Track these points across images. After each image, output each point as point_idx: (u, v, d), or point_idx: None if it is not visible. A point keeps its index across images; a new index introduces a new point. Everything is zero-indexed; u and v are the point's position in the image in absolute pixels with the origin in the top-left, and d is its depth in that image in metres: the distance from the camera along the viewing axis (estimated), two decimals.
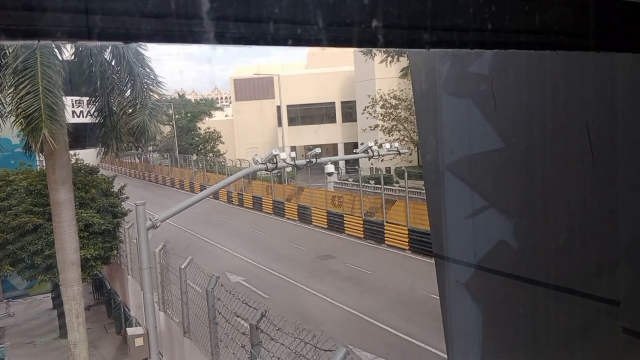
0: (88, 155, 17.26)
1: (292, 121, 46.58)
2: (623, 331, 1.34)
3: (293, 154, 12.00)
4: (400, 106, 30.12)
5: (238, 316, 8.61)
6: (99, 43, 0.59)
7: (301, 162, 12.25)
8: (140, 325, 12.94)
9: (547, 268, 1.46)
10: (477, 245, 1.51)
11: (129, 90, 12.64)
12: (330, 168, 13.40)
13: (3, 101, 11.94)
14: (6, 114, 11.82)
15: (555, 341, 1.44)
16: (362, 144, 15.17)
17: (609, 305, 1.38)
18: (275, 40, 0.66)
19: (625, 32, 1.04)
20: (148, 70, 12.72)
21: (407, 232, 22.22)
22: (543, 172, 1.43)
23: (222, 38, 0.64)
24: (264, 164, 11.78)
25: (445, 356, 1.86)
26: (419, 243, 21.33)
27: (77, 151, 16.40)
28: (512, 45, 0.94)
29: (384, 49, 28.28)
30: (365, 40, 0.72)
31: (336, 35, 0.69)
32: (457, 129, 1.43)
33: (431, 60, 1.40)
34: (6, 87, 10.73)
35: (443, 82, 1.39)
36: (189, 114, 55.68)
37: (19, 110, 10.47)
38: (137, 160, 65.46)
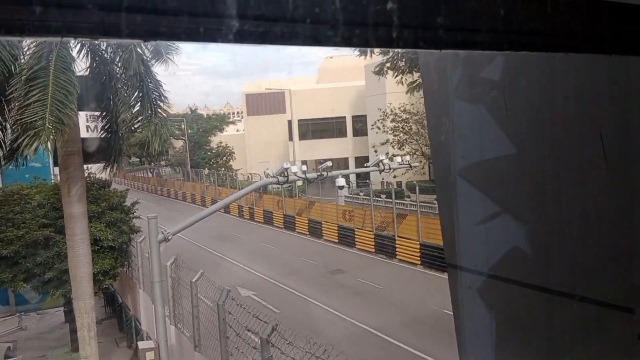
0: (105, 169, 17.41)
1: (303, 136, 46.76)
2: (639, 338, 1.32)
3: (304, 168, 12.03)
4: (411, 120, 30.13)
5: (249, 330, 8.58)
6: (115, 41, 0.60)
7: (312, 175, 12.28)
8: (151, 339, 12.92)
9: (561, 275, 1.44)
10: (489, 252, 1.50)
11: (137, 105, 12.77)
12: (341, 181, 13.41)
13: (8, 114, 12.06)
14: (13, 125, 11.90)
15: (569, 349, 1.42)
16: (375, 153, 15.15)
17: (624, 313, 1.36)
18: (289, 40, 0.67)
19: (638, 35, 1.04)
20: (157, 86, 12.87)
21: (418, 246, 22.05)
22: (556, 177, 1.42)
23: (239, 36, 0.65)
24: (275, 177, 11.83)
25: None
26: (431, 258, 21.11)
27: (90, 165, 16.57)
28: (524, 47, 0.94)
29: (394, 68, 28.40)
30: (379, 40, 0.72)
31: (350, 35, 0.69)
32: (468, 134, 1.43)
33: (442, 66, 1.40)
34: (17, 97, 10.84)
35: (455, 87, 1.39)
36: (201, 129, 56.15)
37: (23, 117, 10.52)
38: (150, 175, 65.98)
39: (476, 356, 1.66)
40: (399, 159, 14.78)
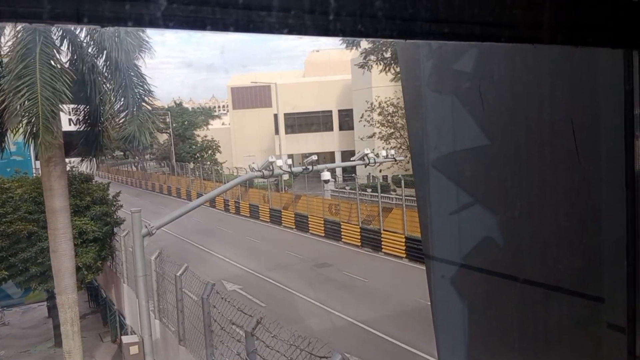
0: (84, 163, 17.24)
1: (289, 129, 46.66)
2: (608, 327, 1.34)
3: (289, 161, 12.01)
4: (397, 114, 30.21)
5: (234, 324, 8.58)
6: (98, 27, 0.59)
7: (297, 169, 12.27)
8: (135, 334, 12.86)
9: (532, 265, 1.46)
10: (462, 242, 1.51)
11: (121, 100, 12.60)
12: (326, 175, 13.40)
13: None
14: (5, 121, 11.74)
15: (540, 337, 1.44)
16: (359, 152, 15.21)
17: (594, 302, 1.39)
18: (265, 28, 0.67)
19: (605, 27, 1.05)
20: (141, 79, 12.69)
21: (404, 240, 22.20)
22: (527, 169, 1.44)
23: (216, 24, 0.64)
24: (260, 171, 11.79)
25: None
26: (416, 251, 21.28)
27: (73, 159, 16.38)
28: (490, 38, 0.94)
29: (381, 59, 28.41)
30: (355, 30, 0.72)
31: (325, 24, 0.70)
32: (441, 126, 1.44)
33: (417, 57, 1.40)
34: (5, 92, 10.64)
35: (427, 78, 1.40)
36: (186, 122, 55.71)
37: (22, 118, 10.41)
38: (134, 169, 65.42)
39: (451, 345, 1.68)
40: (384, 152, 14.84)
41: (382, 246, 23.43)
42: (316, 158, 12.25)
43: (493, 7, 0.87)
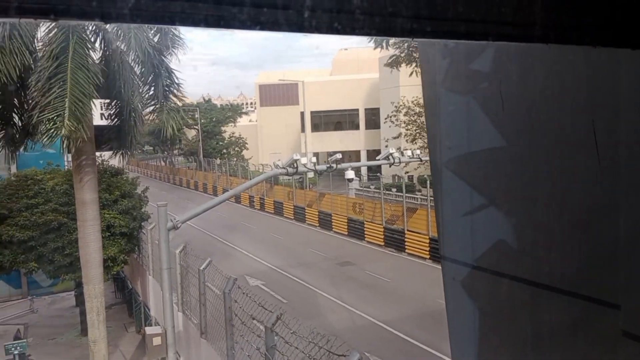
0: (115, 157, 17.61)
1: (315, 127, 46.73)
2: (623, 335, 1.31)
3: (314, 159, 12.02)
4: (423, 114, 29.95)
5: (254, 319, 8.64)
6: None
7: (321, 167, 12.27)
8: (159, 325, 13.08)
9: (548, 268, 1.44)
10: (476, 244, 1.50)
11: (150, 91, 12.84)
12: (350, 174, 13.38)
13: (28, 103, 12.22)
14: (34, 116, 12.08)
15: (554, 343, 1.41)
16: (386, 147, 15.09)
17: (609, 308, 1.35)
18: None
19: (625, 28, 1.03)
20: (170, 73, 12.90)
21: (428, 240, 22.00)
22: (545, 171, 1.41)
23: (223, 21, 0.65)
24: (284, 168, 11.85)
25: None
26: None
27: (104, 153, 16.75)
28: (507, 37, 0.93)
29: (409, 60, 28.10)
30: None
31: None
32: (456, 126, 1.43)
33: (434, 56, 1.40)
34: (37, 89, 10.96)
35: (443, 77, 1.39)
36: (214, 119, 56.36)
37: (42, 113, 10.66)
38: (163, 163, 66.48)
39: (464, 346, 1.66)
40: (409, 152, 14.72)
41: (406, 246, 23.27)
42: (340, 156, 12.24)
43: (478, 4, 0.85)
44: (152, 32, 12.06)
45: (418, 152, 15.29)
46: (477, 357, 1.52)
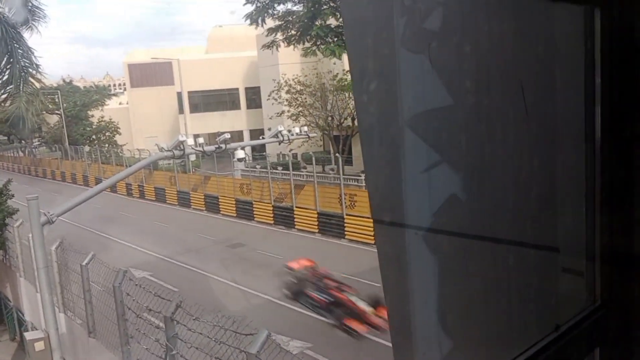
0: None
1: (194, 108, 45.11)
2: (563, 271, 1.45)
3: (201, 140, 11.62)
4: (305, 92, 30.27)
5: (150, 310, 8.24)
6: None
7: (210, 148, 11.91)
8: (38, 329, 11.95)
9: (495, 223, 1.51)
10: (429, 203, 1.52)
11: (4, 78, 11.33)
12: (240, 153, 13.16)
13: None
14: None
15: (506, 290, 1.50)
16: (269, 129, 15.03)
17: (551, 252, 1.48)
18: None
19: None
20: (28, 52, 11.50)
21: (316, 215, 22.57)
22: (489, 128, 1.47)
23: None
24: (170, 151, 11.30)
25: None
26: (328, 225, 21.79)
27: None
28: None
29: (286, 39, 28.14)
30: None
31: None
32: (412, 83, 1.43)
33: (394, 14, 1.37)
34: None
35: (401, 36, 1.37)
36: (78, 102, 51.77)
37: None
38: (21, 154, 60.04)
39: (418, 308, 1.70)
40: (297, 129, 14.83)
41: (295, 223, 23.65)
42: (229, 136, 11.97)
43: None
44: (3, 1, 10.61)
45: (305, 129, 15.47)
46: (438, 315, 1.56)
